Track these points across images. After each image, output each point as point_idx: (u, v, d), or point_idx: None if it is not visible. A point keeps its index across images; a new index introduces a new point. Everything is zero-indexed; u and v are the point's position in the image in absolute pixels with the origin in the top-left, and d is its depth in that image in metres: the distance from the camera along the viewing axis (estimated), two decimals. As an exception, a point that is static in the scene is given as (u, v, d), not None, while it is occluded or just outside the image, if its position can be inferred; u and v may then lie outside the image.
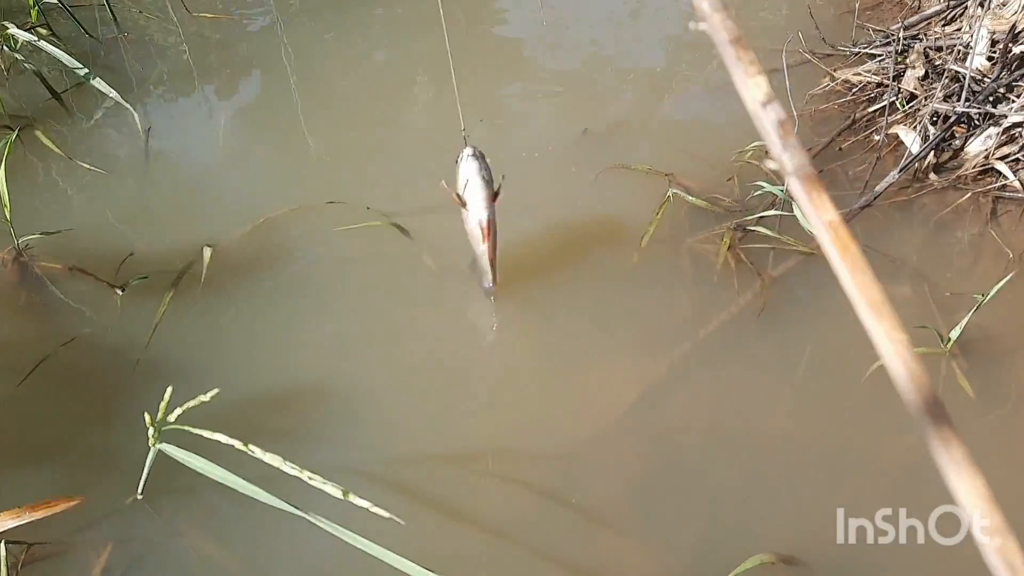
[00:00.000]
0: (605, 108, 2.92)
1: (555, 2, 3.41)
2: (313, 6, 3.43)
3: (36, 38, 2.91)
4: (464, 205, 2.03)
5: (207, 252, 2.38)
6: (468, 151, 2.01)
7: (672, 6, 3.50)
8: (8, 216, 2.34)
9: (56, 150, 2.72)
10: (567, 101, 3.01)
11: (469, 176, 1.99)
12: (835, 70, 2.82)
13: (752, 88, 0.97)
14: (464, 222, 2.08)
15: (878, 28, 2.93)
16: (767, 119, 0.93)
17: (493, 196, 2.02)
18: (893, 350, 0.80)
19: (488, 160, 2.03)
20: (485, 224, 2.02)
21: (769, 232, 2.34)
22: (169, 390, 1.63)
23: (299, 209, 2.53)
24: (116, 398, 2.05)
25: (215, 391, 1.59)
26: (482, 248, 2.07)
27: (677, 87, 3.05)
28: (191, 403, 1.62)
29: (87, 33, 3.26)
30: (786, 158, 0.95)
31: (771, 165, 0.80)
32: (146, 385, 2.08)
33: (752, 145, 2.57)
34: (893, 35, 2.79)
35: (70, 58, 2.88)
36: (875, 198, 2.40)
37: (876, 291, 0.84)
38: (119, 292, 2.27)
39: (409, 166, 2.67)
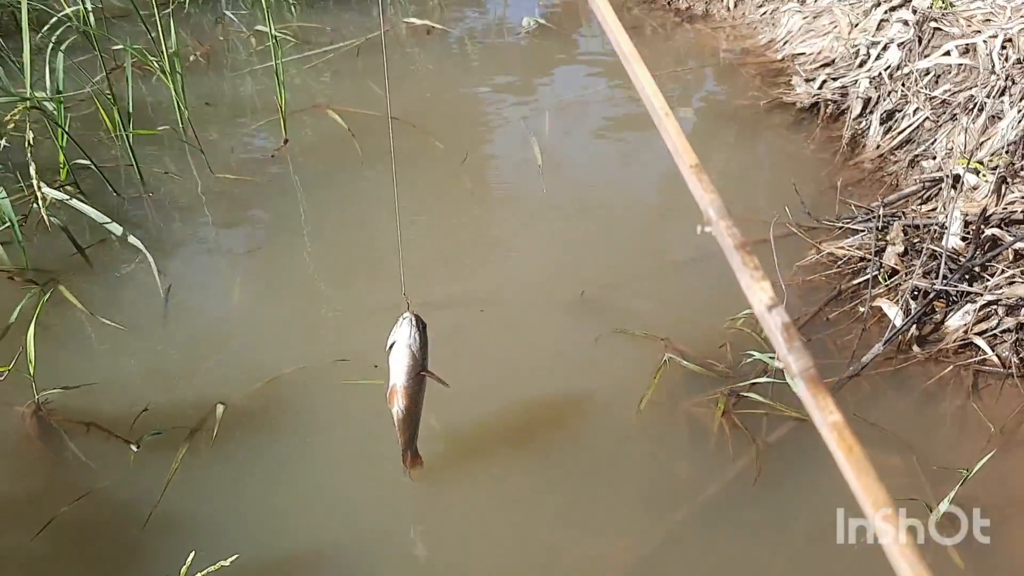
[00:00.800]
0: (602, 272, 3.07)
1: (555, 172, 3.61)
2: (329, 170, 3.64)
3: (68, 196, 3.09)
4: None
5: (219, 409, 2.47)
6: (406, 315, 1.96)
7: (672, 175, 3.72)
8: (32, 371, 2.44)
9: (79, 306, 2.84)
10: (566, 263, 3.17)
11: (397, 340, 1.95)
12: (820, 243, 3.00)
13: (758, 292, 1.08)
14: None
15: (859, 204, 3.14)
16: (772, 322, 1.04)
17: (418, 369, 1.96)
18: (898, 553, 0.89)
19: (426, 334, 1.98)
20: (397, 390, 1.97)
21: (762, 399, 2.45)
22: (192, 556, 1.68)
23: (308, 368, 2.63)
24: (127, 556, 2.09)
25: (235, 556, 1.64)
26: (394, 410, 2.02)
27: (672, 252, 3.21)
28: (211, 568, 1.66)
29: (113, 191, 3.45)
30: (791, 360, 1.06)
31: (777, 364, 0.91)
32: (156, 543, 2.12)
33: (743, 313, 2.70)
34: (874, 212, 2.99)
35: (103, 215, 3.06)
36: (862, 368, 2.51)
37: (880, 492, 0.94)
38: (134, 448, 2.34)
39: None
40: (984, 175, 2.96)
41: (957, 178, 2.97)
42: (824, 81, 3.92)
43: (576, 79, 4.51)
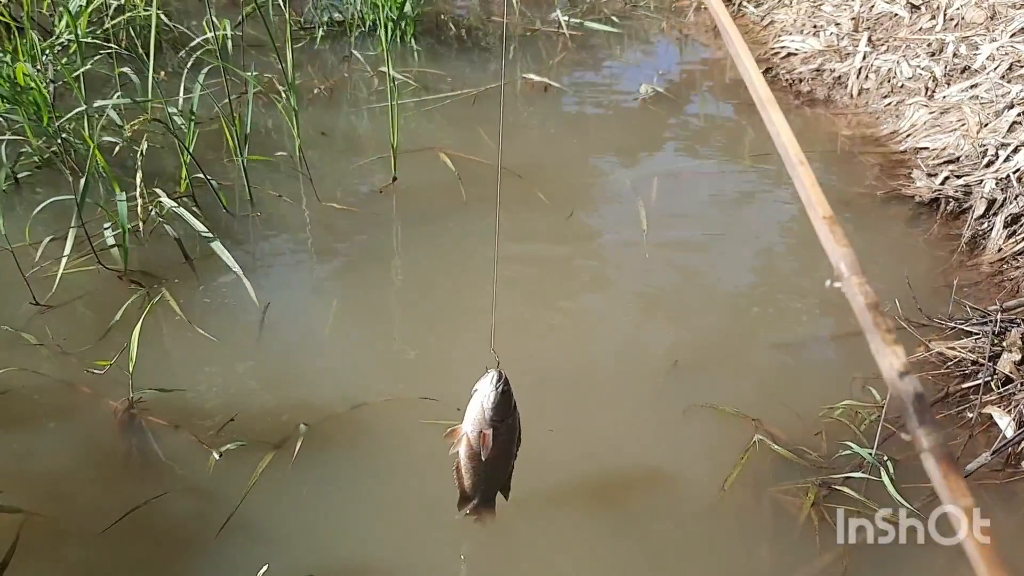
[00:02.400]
0: (698, 345, 3.00)
1: (659, 239, 3.57)
2: (432, 212, 3.68)
3: (178, 206, 3.20)
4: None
5: (302, 429, 2.48)
6: (491, 371, 1.90)
7: (779, 253, 3.64)
8: (131, 370, 2.50)
9: (180, 314, 2.92)
10: (662, 332, 3.11)
11: (476, 389, 1.91)
12: (930, 341, 2.87)
13: (889, 356, 0.98)
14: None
15: (975, 307, 3.00)
16: (904, 390, 0.94)
17: (484, 426, 1.89)
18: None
19: (507, 396, 1.88)
20: (458, 433, 1.94)
21: (855, 495, 2.32)
22: (264, 569, 1.67)
23: (393, 400, 2.63)
24: (196, 560, 2.10)
25: (305, 576, 1.62)
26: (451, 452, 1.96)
27: (773, 333, 3.12)
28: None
29: (224, 208, 3.56)
30: (922, 433, 0.97)
31: (905, 437, 0.83)
32: (228, 551, 2.14)
33: (843, 403, 2.60)
34: (991, 316, 2.85)
35: (206, 230, 3.17)
36: (966, 476, 2.36)
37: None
38: (216, 455, 2.36)
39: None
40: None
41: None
42: (947, 177, 3.79)
43: (689, 149, 4.49)
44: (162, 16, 4.92)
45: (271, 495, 2.32)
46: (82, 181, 3.03)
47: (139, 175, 3.24)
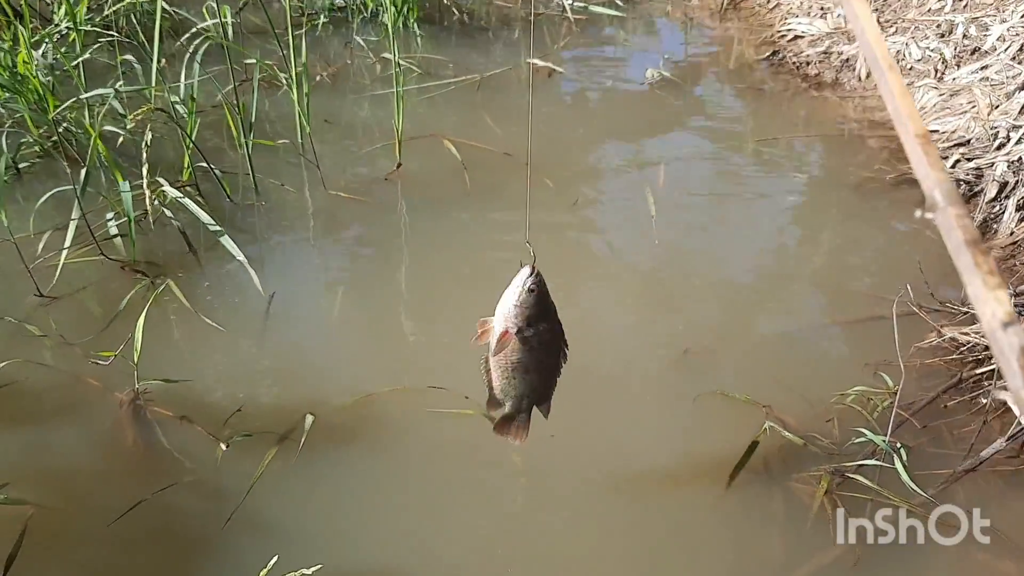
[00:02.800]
0: (708, 331, 2.97)
1: (667, 224, 3.54)
2: (437, 198, 3.65)
3: (184, 196, 3.17)
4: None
5: (309, 419, 2.46)
6: (526, 269, 1.70)
7: (788, 238, 3.61)
8: (136, 361, 2.48)
9: (186, 303, 2.89)
10: (672, 319, 3.08)
11: (509, 286, 1.69)
12: (942, 326, 2.84)
13: (991, 303, 0.82)
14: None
15: (987, 291, 2.96)
16: (1006, 343, 0.79)
17: (513, 327, 1.67)
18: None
19: (540, 295, 1.70)
20: (486, 328, 1.72)
21: (868, 483, 2.30)
22: (274, 560, 1.65)
23: (401, 389, 2.60)
24: (204, 552, 2.08)
25: (318, 567, 1.60)
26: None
27: (783, 319, 3.10)
28: (292, 574, 1.62)
29: (228, 197, 3.53)
30: None
31: (1001, 396, 0.71)
32: (234, 541, 2.12)
33: (855, 389, 2.56)
34: (1003, 300, 2.81)
35: (214, 222, 3.13)
36: (980, 463, 2.34)
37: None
38: (223, 447, 2.34)
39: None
40: None
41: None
42: (957, 161, 3.74)
43: (696, 134, 4.44)
44: (162, 2, 4.89)
45: (278, 486, 2.30)
46: (83, 171, 3.00)
47: (145, 167, 3.20)
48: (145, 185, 3.18)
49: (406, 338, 2.97)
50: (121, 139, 3.66)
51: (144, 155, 3.24)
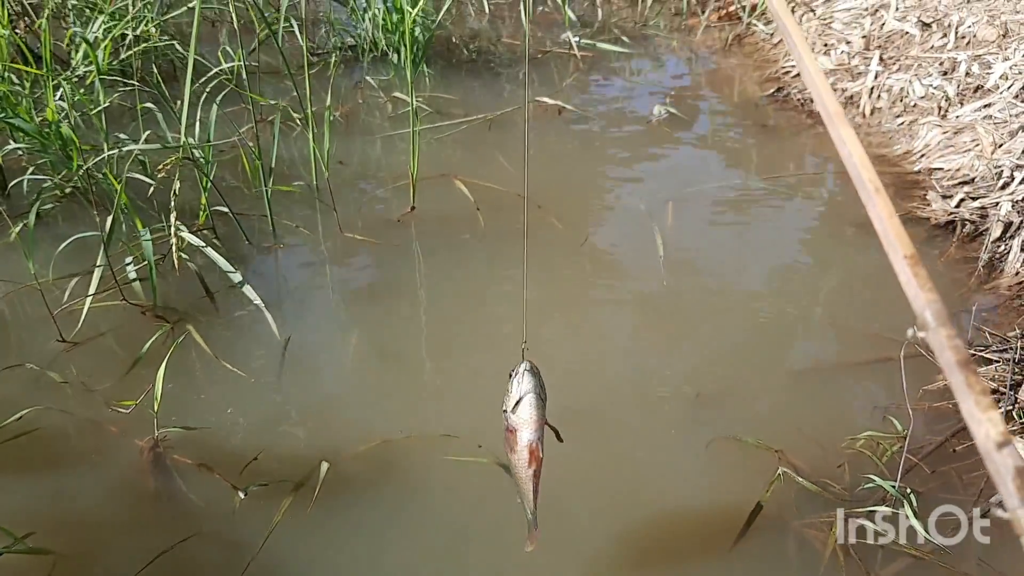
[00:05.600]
0: (718, 373, 3.00)
1: (675, 264, 3.58)
2: (450, 241, 3.70)
3: (203, 243, 3.22)
4: (510, 430, 1.71)
5: (324, 467, 2.50)
6: (524, 366, 1.71)
7: (796, 278, 3.65)
8: (156, 408, 2.53)
9: (205, 348, 2.94)
10: (682, 361, 3.12)
11: (523, 394, 1.68)
12: (949, 368, 2.86)
13: (984, 424, 0.83)
14: (507, 445, 1.74)
15: (995, 332, 3.00)
16: (1001, 464, 0.79)
17: (544, 422, 1.69)
18: None
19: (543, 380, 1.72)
20: (534, 447, 1.69)
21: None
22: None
23: (415, 437, 2.64)
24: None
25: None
26: (528, 473, 1.73)
27: (792, 359, 3.13)
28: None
29: (246, 239, 3.59)
30: None
31: (1000, 514, 0.70)
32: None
33: (865, 434, 2.60)
34: (1010, 343, 2.85)
35: (230, 267, 3.18)
36: (989, 511, 2.36)
37: None
38: (241, 495, 2.38)
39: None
40: None
41: (1106, 317, 2.80)
42: (962, 199, 3.79)
43: (702, 171, 4.49)
44: (176, 45, 4.99)
45: (294, 536, 2.33)
46: (109, 219, 3.05)
47: (173, 215, 3.26)
48: (172, 235, 3.23)
49: (421, 382, 3.01)
50: (144, 186, 3.72)
51: (172, 203, 3.30)
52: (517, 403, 1.67)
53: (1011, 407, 2.64)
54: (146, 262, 3.12)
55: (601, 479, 2.58)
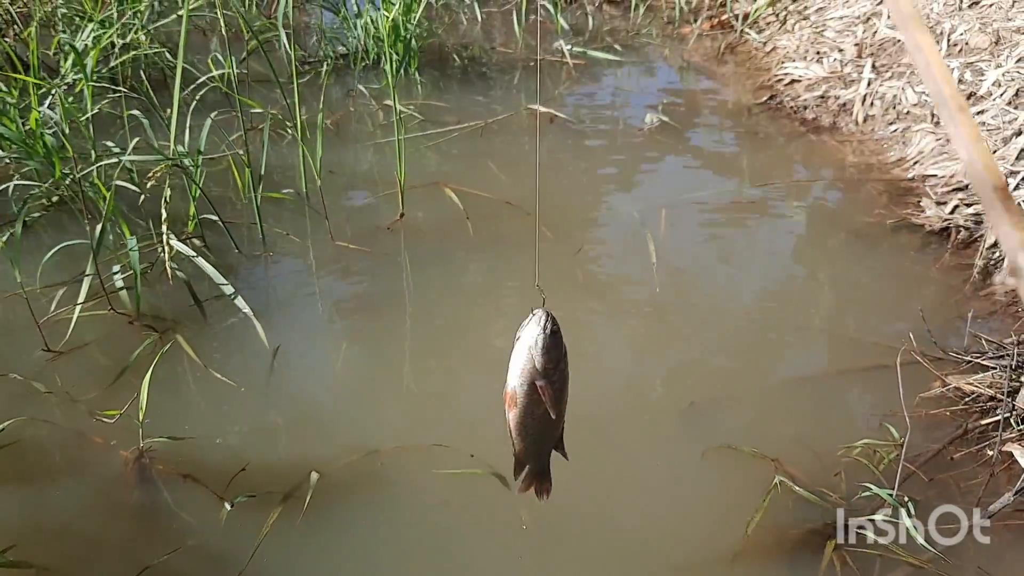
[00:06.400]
0: (713, 382, 2.97)
1: (668, 272, 3.55)
2: (440, 249, 3.67)
3: (194, 253, 3.18)
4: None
5: (314, 477, 2.45)
6: (537, 312, 1.63)
7: (792, 284, 3.62)
8: (141, 418, 2.48)
9: (195, 358, 2.90)
10: (677, 370, 3.09)
11: (521, 337, 1.62)
12: (946, 375, 2.84)
13: None
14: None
15: (991, 339, 2.97)
16: None
17: (535, 376, 1.60)
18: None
19: (557, 337, 1.63)
20: (510, 392, 1.63)
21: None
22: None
23: (405, 447, 2.60)
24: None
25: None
26: (507, 414, 1.66)
27: (786, 367, 3.11)
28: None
29: (236, 247, 3.55)
30: None
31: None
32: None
33: (861, 442, 2.57)
34: (1007, 349, 2.82)
35: (220, 276, 3.14)
36: (988, 517, 2.33)
37: None
38: (228, 507, 2.34)
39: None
40: None
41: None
42: (956, 206, 3.78)
43: (695, 179, 4.47)
44: (166, 53, 4.96)
45: (283, 548, 2.29)
46: (98, 227, 3.01)
47: (164, 225, 3.22)
48: (166, 243, 3.19)
49: (411, 390, 2.98)
50: (131, 193, 3.68)
51: (164, 212, 3.26)
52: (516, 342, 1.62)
53: (1009, 414, 2.61)
54: (132, 271, 3.07)
55: (594, 488, 2.53)
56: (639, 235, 3.79)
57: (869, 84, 4.92)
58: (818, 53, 5.48)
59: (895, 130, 4.56)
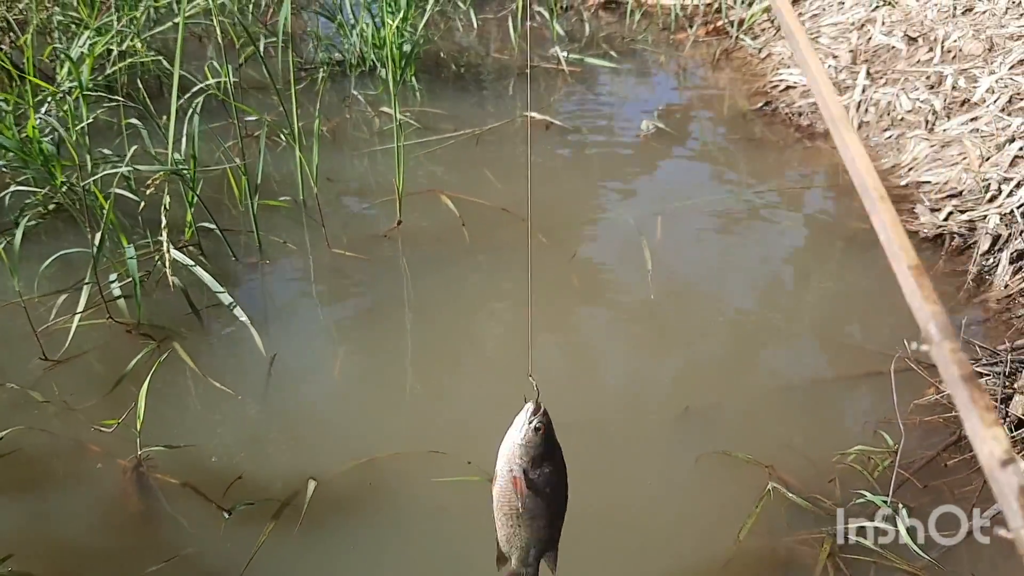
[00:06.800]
0: (708, 388, 2.98)
1: (663, 279, 3.56)
2: (437, 256, 3.68)
3: (191, 262, 3.19)
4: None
5: (311, 485, 2.46)
6: (529, 405, 1.62)
7: (788, 292, 3.64)
8: (139, 427, 2.49)
9: (192, 366, 2.91)
10: (672, 375, 3.10)
11: (511, 426, 1.60)
12: (940, 382, 2.86)
13: (989, 441, 0.77)
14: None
15: (984, 346, 2.99)
16: (1005, 482, 0.70)
17: (517, 469, 1.57)
18: None
19: (546, 435, 1.59)
20: (492, 480, 1.61)
21: (871, 545, 2.31)
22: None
23: (402, 454, 2.61)
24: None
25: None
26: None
27: (781, 373, 3.12)
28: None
29: (233, 255, 3.56)
30: None
31: (1004, 534, 0.67)
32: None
33: (855, 449, 2.58)
34: (1000, 356, 2.84)
35: (218, 284, 3.15)
36: (983, 528, 2.35)
37: None
38: (226, 515, 2.35)
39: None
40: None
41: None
42: (950, 213, 3.80)
43: (691, 185, 4.49)
44: (163, 60, 4.97)
45: (280, 556, 2.30)
46: (98, 236, 3.02)
47: (164, 234, 3.23)
48: (166, 252, 3.19)
49: (408, 397, 2.99)
50: (127, 201, 3.68)
51: (163, 220, 3.27)
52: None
53: (1002, 421, 2.63)
54: (130, 279, 3.08)
55: (588, 494, 2.53)
56: (635, 241, 3.80)
57: (864, 91, 4.94)
58: (812, 59, 5.49)
59: (889, 136, 4.58)
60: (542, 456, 1.57)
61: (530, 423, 1.57)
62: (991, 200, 3.73)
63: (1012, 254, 3.41)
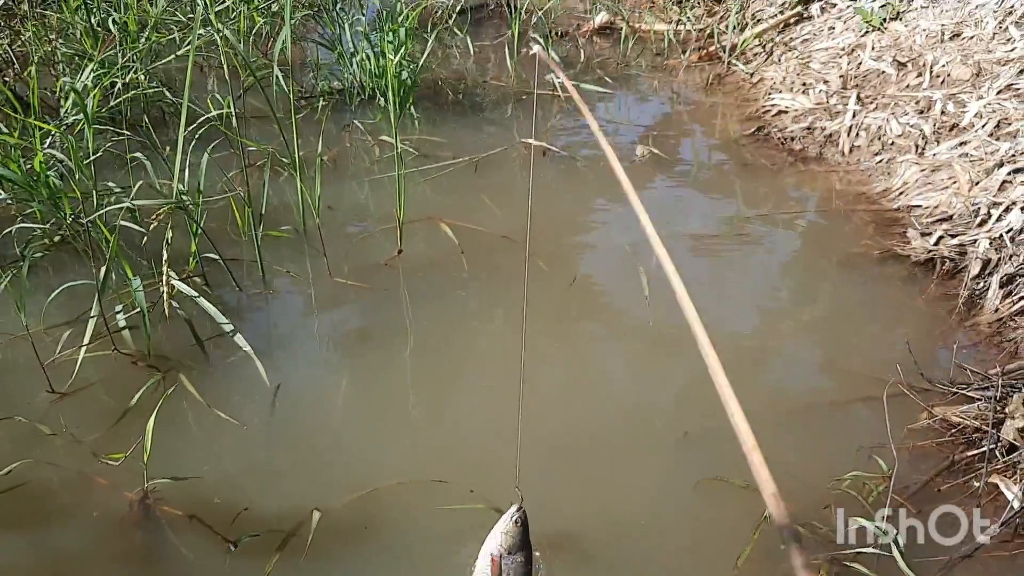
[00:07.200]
0: (705, 413, 3.02)
1: (661, 304, 3.62)
2: (438, 284, 3.74)
3: (196, 293, 3.24)
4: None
5: (316, 516, 2.50)
6: (511, 511, 1.92)
7: (783, 319, 3.69)
8: (145, 460, 2.53)
9: (198, 397, 2.95)
10: (670, 400, 3.15)
11: (492, 530, 1.92)
12: (932, 406, 2.91)
13: None
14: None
15: (976, 370, 3.04)
16: None
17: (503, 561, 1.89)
18: None
19: (522, 539, 1.90)
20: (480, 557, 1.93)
21: (867, 572, 2.35)
22: None
23: (406, 484, 2.65)
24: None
25: None
26: None
27: (778, 396, 3.16)
28: None
29: (236, 285, 3.61)
30: None
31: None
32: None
33: (850, 475, 2.63)
34: (992, 380, 2.89)
35: (222, 316, 3.20)
36: (976, 549, 2.40)
37: None
38: (232, 547, 2.39)
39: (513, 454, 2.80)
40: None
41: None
42: (941, 237, 3.86)
43: (687, 210, 4.56)
44: (166, 92, 5.04)
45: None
46: (103, 269, 3.07)
47: (165, 267, 3.29)
48: (165, 283, 3.24)
49: (411, 427, 3.03)
50: (132, 232, 3.73)
51: (165, 253, 3.33)
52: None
53: (994, 445, 2.68)
54: (137, 310, 3.13)
55: (586, 519, 2.59)
56: (632, 267, 3.86)
57: (854, 115, 5.02)
58: (804, 84, 5.59)
59: (880, 160, 4.66)
60: (518, 546, 1.90)
61: (511, 518, 1.90)
62: (981, 224, 3.80)
63: (1002, 278, 3.48)
